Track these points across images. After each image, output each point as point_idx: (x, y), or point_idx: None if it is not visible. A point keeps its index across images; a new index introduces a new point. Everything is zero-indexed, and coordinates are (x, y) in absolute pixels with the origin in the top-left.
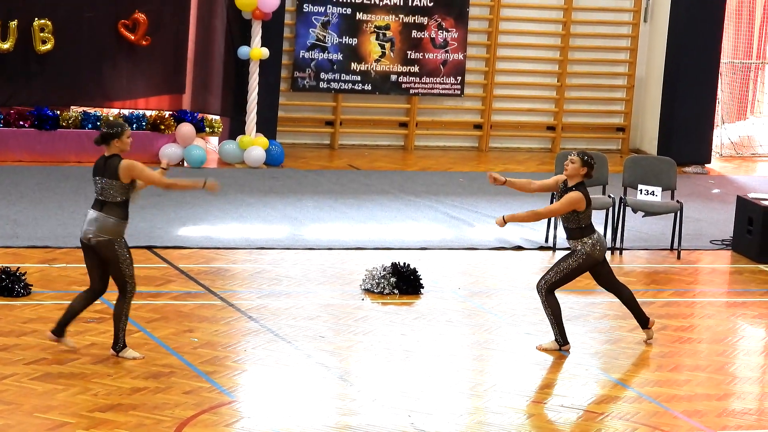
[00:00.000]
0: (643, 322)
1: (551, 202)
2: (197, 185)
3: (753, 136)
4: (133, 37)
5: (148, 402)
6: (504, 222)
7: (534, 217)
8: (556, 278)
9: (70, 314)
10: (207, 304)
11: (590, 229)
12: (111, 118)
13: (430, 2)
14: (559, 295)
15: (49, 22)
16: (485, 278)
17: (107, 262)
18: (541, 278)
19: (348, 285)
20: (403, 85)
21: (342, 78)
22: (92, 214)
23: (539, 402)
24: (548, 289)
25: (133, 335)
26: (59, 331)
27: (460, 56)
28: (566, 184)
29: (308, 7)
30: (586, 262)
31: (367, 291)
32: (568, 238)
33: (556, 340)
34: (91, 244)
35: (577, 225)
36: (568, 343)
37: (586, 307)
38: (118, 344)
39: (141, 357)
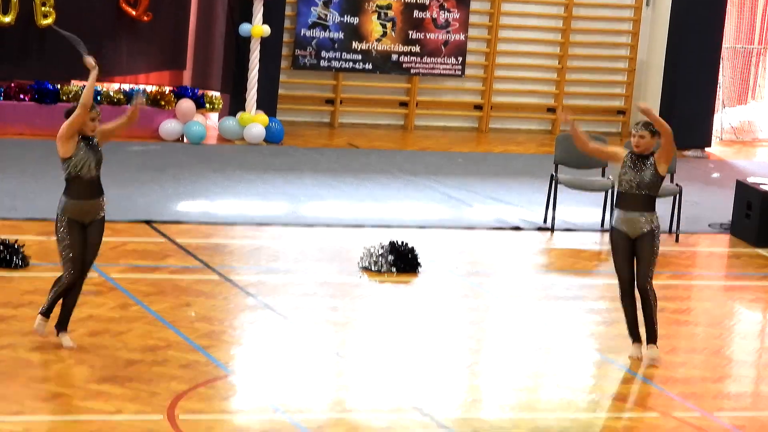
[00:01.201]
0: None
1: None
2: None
3: (753, 121)
4: (134, 13)
5: (143, 375)
6: (569, 119)
7: (584, 142)
8: (653, 268)
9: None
10: (205, 279)
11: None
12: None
13: None
14: (556, 275)
15: None
16: (483, 258)
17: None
18: (641, 278)
19: (346, 262)
20: (404, 65)
21: (343, 57)
22: None
23: (535, 381)
24: (651, 284)
25: (131, 308)
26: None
27: (462, 37)
28: (637, 155)
29: None
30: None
31: (365, 269)
32: (643, 210)
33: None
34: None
35: (657, 194)
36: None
37: (583, 288)
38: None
39: (42, 333)
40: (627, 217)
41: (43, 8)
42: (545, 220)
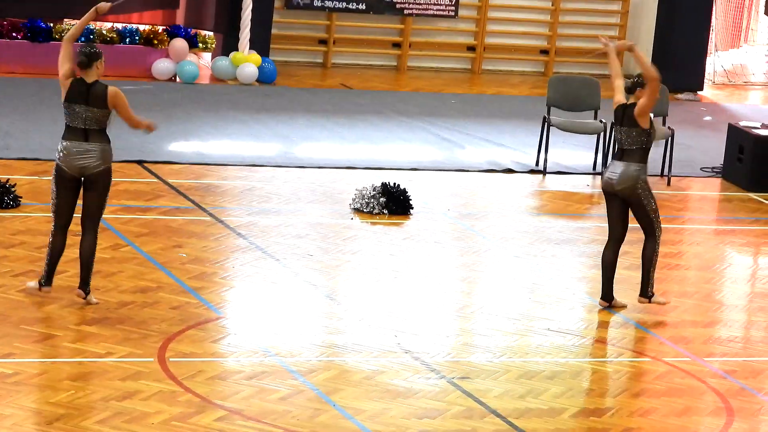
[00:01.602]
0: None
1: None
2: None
3: (746, 65)
4: None
5: (135, 316)
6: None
7: (645, 61)
8: (658, 221)
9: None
10: (196, 220)
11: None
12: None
13: None
14: (548, 218)
15: None
16: (475, 200)
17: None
18: (652, 234)
19: (338, 204)
20: (397, 5)
21: None
22: (85, 145)
23: (526, 325)
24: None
25: (122, 249)
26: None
27: None
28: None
29: None
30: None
31: (357, 210)
32: (629, 160)
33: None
34: (88, 174)
35: (648, 145)
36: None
37: (576, 231)
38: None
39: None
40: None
41: None
42: (537, 163)
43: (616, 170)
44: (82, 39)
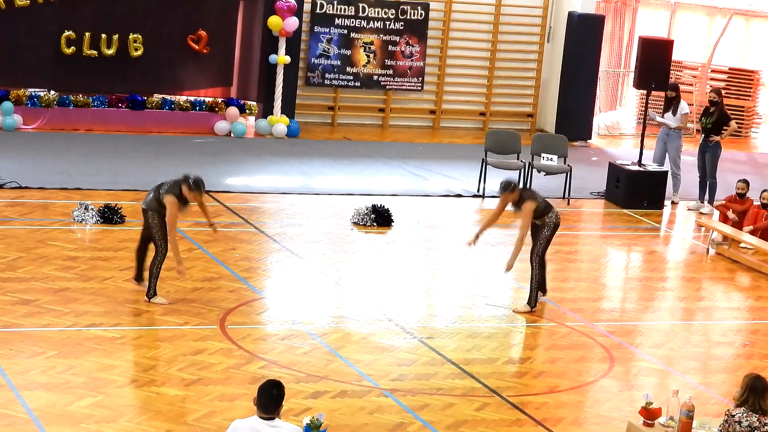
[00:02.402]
0: (543, 290)
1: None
2: (179, 263)
3: (620, 121)
4: (197, 47)
5: (203, 297)
6: (509, 268)
7: (519, 245)
8: (543, 247)
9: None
10: (245, 231)
11: (549, 207)
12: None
13: (401, 26)
14: (492, 229)
15: (139, 36)
16: (436, 215)
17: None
18: (531, 251)
19: (342, 219)
20: (382, 83)
21: (340, 77)
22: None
23: (472, 301)
24: (541, 258)
25: (195, 251)
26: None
27: (421, 63)
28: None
29: (318, 28)
30: (554, 230)
31: (355, 223)
32: (535, 218)
33: (529, 303)
34: None
35: (537, 216)
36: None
37: (505, 236)
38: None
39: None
40: None
41: (134, 44)
42: (478, 190)
43: None
44: (166, 107)
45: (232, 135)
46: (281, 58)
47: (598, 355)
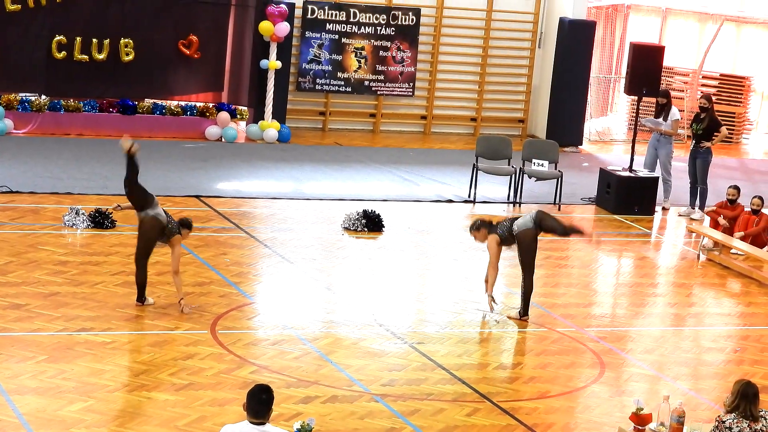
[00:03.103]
0: (524, 310)
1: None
2: (180, 296)
3: (611, 127)
4: (188, 52)
5: (194, 302)
6: (492, 298)
7: (493, 273)
8: (530, 260)
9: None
10: (236, 236)
11: (511, 230)
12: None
13: (392, 32)
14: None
15: (131, 41)
16: (427, 221)
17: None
18: (520, 262)
19: (333, 224)
20: (373, 88)
21: (331, 82)
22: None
23: (462, 306)
24: (529, 268)
25: (186, 256)
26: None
27: (412, 69)
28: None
29: (309, 33)
30: (529, 242)
31: (346, 229)
32: (506, 244)
33: (519, 311)
34: None
35: (511, 244)
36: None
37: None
38: None
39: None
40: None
41: (125, 49)
42: (469, 195)
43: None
44: (157, 112)
45: (223, 140)
46: (272, 63)
47: (588, 361)
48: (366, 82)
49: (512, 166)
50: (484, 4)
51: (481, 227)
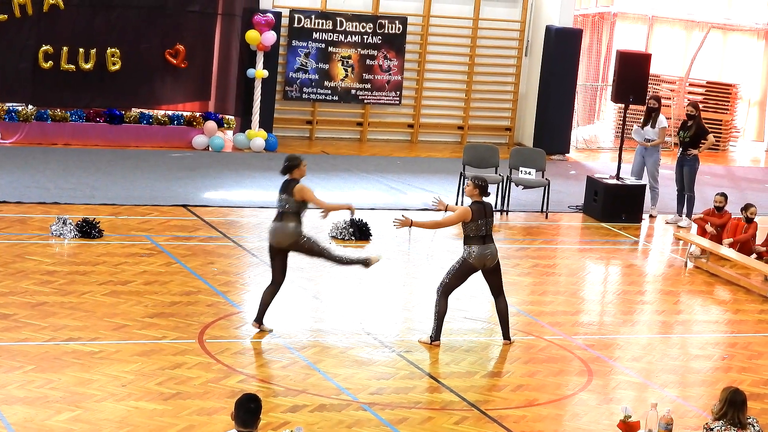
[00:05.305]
0: (506, 334)
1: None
2: (345, 207)
3: (598, 135)
4: (175, 61)
5: (182, 311)
6: (410, 223)
7: (434, 225)
8: (446, 279)
9: (263, 305)
10: (223, 245)
11: (474, 240)
12: (292, 154)
13: (378, 40)
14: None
15: (117, 50)
16: (414, 230)
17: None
18: (440, 282)
19: (320, 233)
20: (360, 97)
21: (318, 91)
22: (273, 225)
23: (449, 314)
24: (443, 291)
25: (173, 265)
26: (259, 320)
27: (399, 77)
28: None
29: (295, 42)
30: (463, 266)
31: (334, 237)
32: (466, 231)
33: (431, 335)
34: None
35: (465, 233)
36: (438, 339)
37: None
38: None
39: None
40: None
41: (112, 58)
42: (456, 203)
43: (493, 249)
44: (144, 121)
45: (210, 149)
46: (259, 72)
47: (576, 369)
48: (353, 91)
49: (499, 175)
50: (471, 13)
51: (481, 188)
